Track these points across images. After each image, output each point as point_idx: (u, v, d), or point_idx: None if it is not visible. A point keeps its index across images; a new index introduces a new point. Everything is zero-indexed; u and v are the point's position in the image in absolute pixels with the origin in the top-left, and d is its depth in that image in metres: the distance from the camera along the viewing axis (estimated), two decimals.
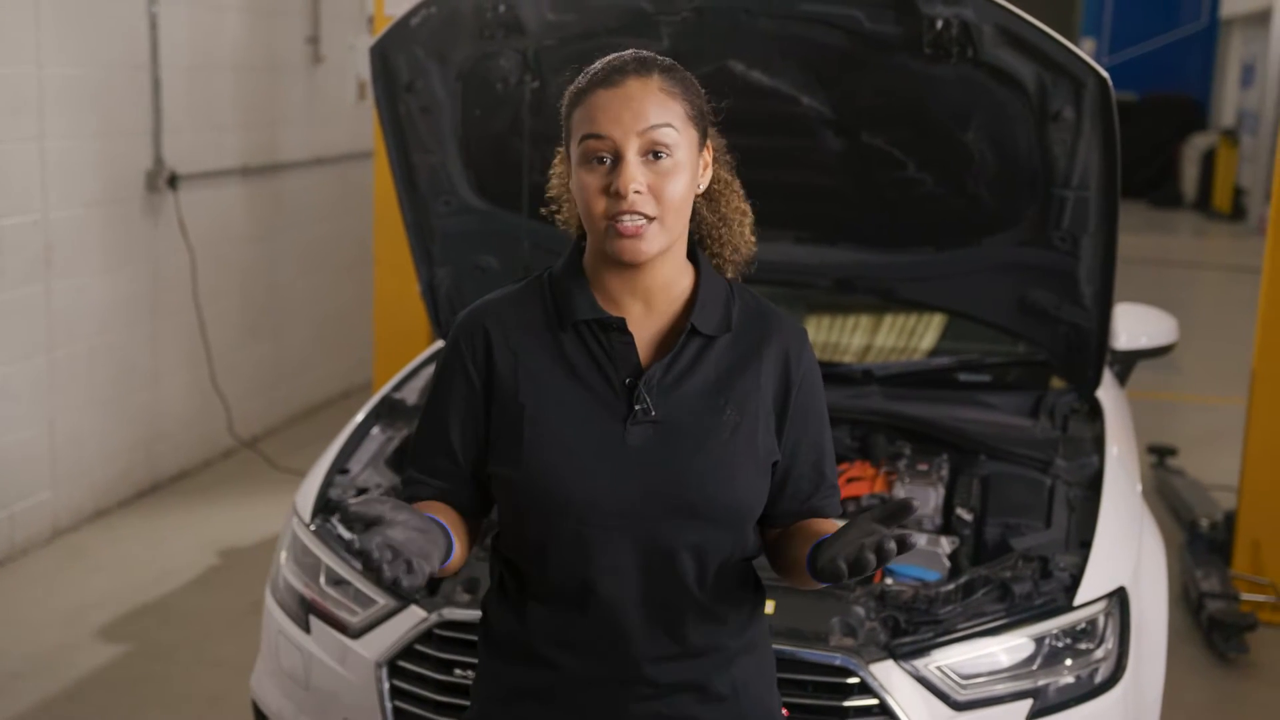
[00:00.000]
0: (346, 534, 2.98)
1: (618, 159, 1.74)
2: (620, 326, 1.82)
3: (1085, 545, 2.85)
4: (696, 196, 1.84)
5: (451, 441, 1.86)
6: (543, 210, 1.97)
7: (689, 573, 1.81)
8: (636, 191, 1.73)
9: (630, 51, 1.82)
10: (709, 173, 1.85)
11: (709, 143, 1.84)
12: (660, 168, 1.74)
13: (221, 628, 4.42)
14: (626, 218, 1.73)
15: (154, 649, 4.28)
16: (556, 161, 1.95)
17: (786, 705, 2.47)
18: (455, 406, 1.86)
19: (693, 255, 1.89)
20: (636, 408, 1.80)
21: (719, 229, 1.92)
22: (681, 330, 1.83)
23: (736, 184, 1.95)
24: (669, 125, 1.74)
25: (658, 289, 1.84)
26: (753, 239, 1.95)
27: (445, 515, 1.83)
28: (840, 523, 1.87)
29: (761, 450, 1.84)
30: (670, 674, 1.83)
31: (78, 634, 4.36)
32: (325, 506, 3.08)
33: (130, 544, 5.17)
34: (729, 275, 1.94)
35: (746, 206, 1.95)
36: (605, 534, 1.78)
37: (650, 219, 1.74)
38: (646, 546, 1.79)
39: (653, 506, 1.78)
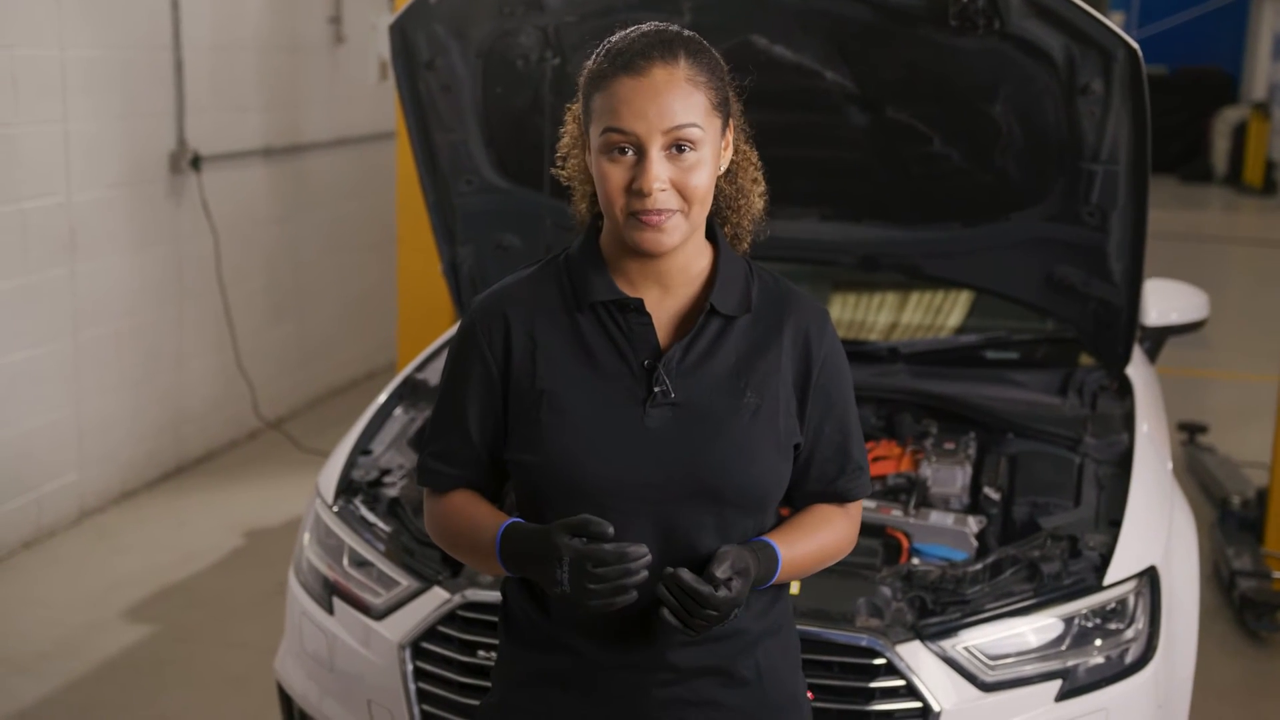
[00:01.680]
0: (369, 515, 2.97)
1: (641, 153, 1.71)
2: (638, 308, 1.80)
3: (1115, 524, 2.82)
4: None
5: (469, 427, 1.85)
6: (552, 170, 1.93)
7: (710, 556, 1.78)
8: (661, 189, 1.70)
9: (651, 27, 1.77)
10: (729, 152, 1.83)
11: (731, 123, 1.81)
12: (684, 162, 1.71)
13: (247, 609, 4.43)
14: (650, 213, 1.71)
15: (179, 630, 4.29)
16: (568, 119, 1.90)
17: (812, 687, 2.45)
18: (472, 392, 1.84)
19: (710, 235, 1.87)
20: (656, 390, 1.78)
21: (736, 200, 1.90)
22: (700, 311, 1.81)
23: (753, 155, 1.92)
24: (694, 124, 1.71)
25: (676, 271, 1.82)
26: (762, 207, 1.92)
27: (483, 505, 1.84)
28: (832, 510, 1.90)
29: (782, 433, 1.82)
30: (692, 658, 1.81)
31: (104, 615, 4.37)
32: (348, 488, 3.07)
33: (156, 525, 5.18)
34: (744, 245, 1.92)
35: (760, 175, 1.92)
36: (625, 518, 1.75)
37: (673, 212, 1.72)
38: (666, 530, 1.77)
39: (672, 489, 1.76)
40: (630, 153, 1.71)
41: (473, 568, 1.90)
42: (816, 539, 1.87)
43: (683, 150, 1.71)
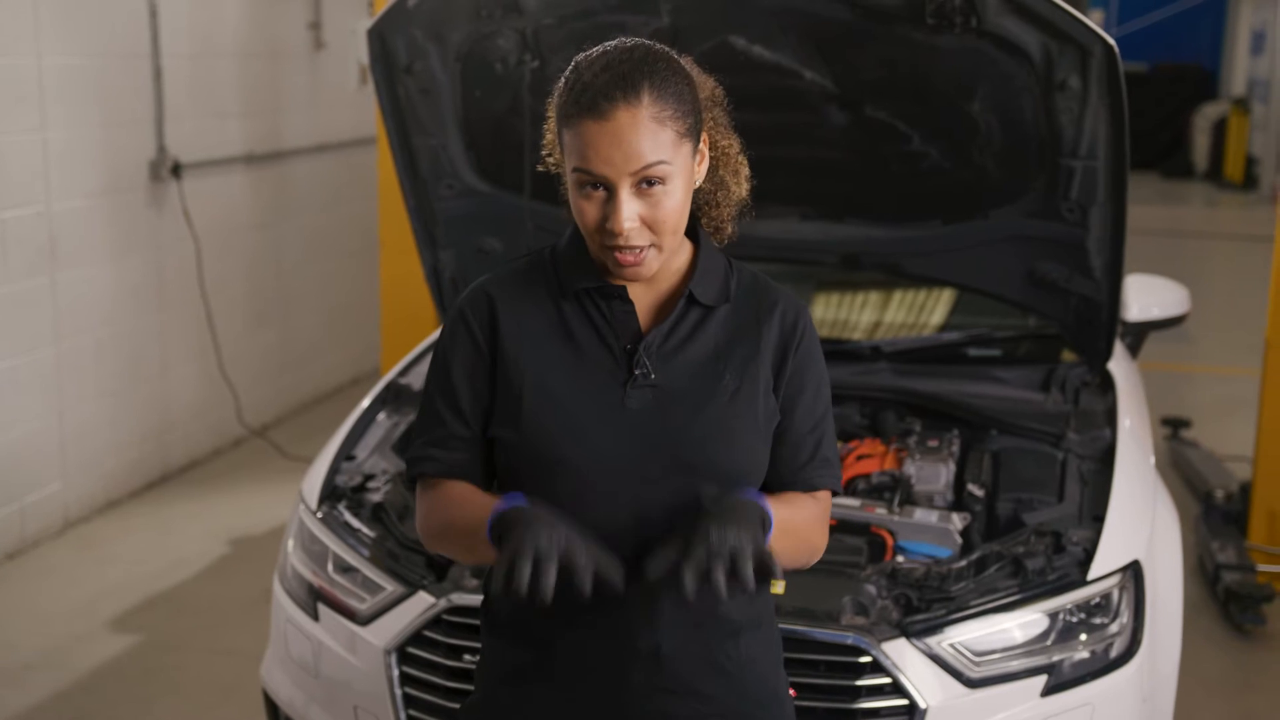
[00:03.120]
0: (354, 521, 2.97)
1: (611, 192, 1.73)
2: (621, 295, 1.84)
3: (1098, 519, 2.82)
4: None
5: (461, 411, 1.86)
6: (540, 167, 1.93)
7: None
8: (631, 226, 1.73)
9: (615, 54, 1.74)
10: (705, 163, 1.84)
11: (704, 134, 1.82)
12: (654, 197, 1.73)
13: (233, 617, 4.42)
14: (623, 249, 1.74)
15: (166, 639, 4.28)
16: (550, 115, 1.87)
17: (798, 685, 2.46)
18: (461, 375, 1.86)
19: (692, 231, 1.89)
20: (636, 372, 1.81)
21: (715, 194, 1.91)
22: (680, 299, 1.84)
23: (734, 143, 1.91)
24: (662, 161, 1.72)
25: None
26: (747, 187, 1.93)
27: (476, 495, 1.82)
28: (803, 495, 1.89)
29: (762, 415, 1.84)
30: (675, 646, 1.82)
31: (90, 625, 4.36)
32: (332, 494, 3.07)
33: (141, 534, 5.16)
34: (725, 233, 1.93)
35: (743, 160, 1.92)
36: (603, 496, 1.77)
37: (645, 247, 1.75)
38: (644, 509, 1.78)
39: (651, 468, 1.78)
40: (601, 189, 1.73)
41: (458, 557, 1.89)
42: (794, 509, 1.86)
43: (652, 185, 1.73)
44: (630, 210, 1.72)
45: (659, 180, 1.72)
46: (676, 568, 1.65)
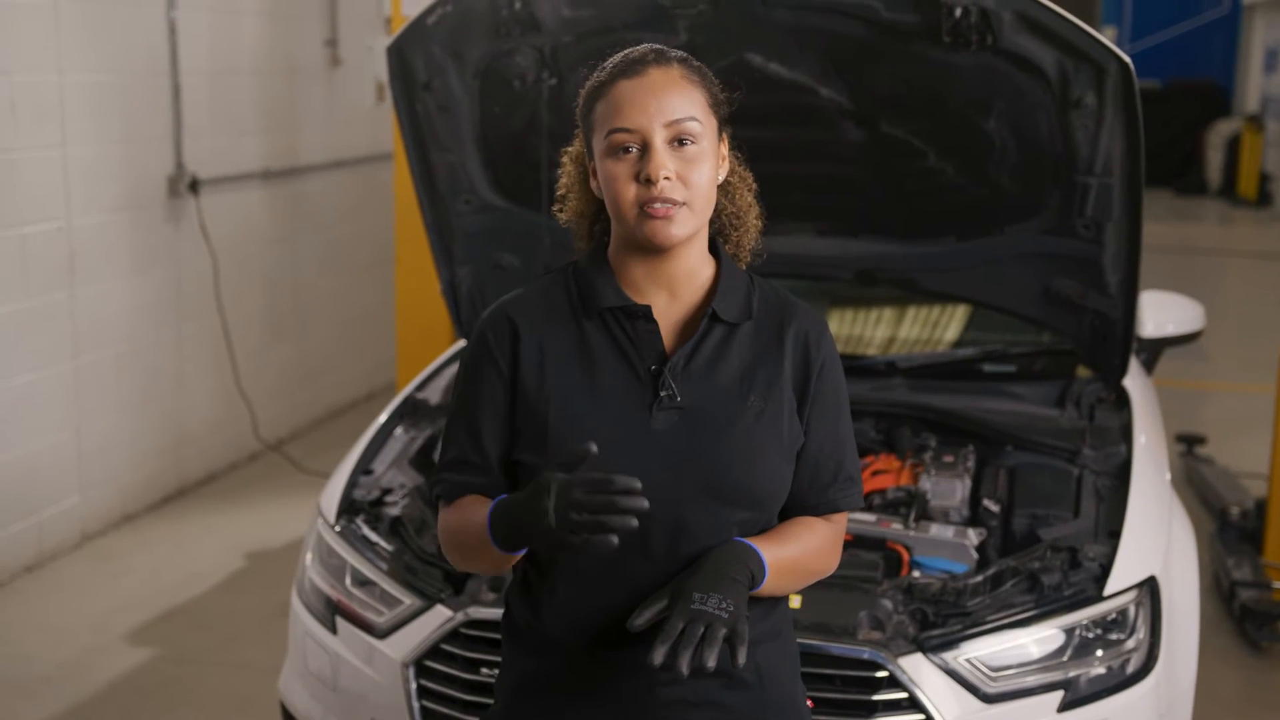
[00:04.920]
0: (371, 534, 2.98)
1: (645, 148, 1.77)
2: (645, 314, 1.84)
3: (1114, 535, 2.83)
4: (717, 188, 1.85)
5: (482, 435, 1.86)
6: (554, 209, 1.98)
7: None
8: (666, 178, 1.76)
9: (644, 45, 1.84)
10: (726, 165, 1.88)
11: (724, 136, 1.86)
12: (686, 154, 1.78)
13: (249, 630, 4.43)
14: (658, 203, 1.76)
15: (182, 652, 4.29)
16: (565, 161, 1.96)
17: (815, 700, 2.47)
18: (484, 400, 1.87)
19: (713, 249, 1.91)
20: (662, 394, 1.81)
21: (736, 218, 1.95)
22: (704, 318, 1.85)
23: (748, 177, 1.97)
24: (693, 118, 1.78)
25: (682, 277, 1.86)
26: (759, 227, 1.97)
27: (481, 503, 1.83)
28: (814, 520, 1.90)
29: (786, 436, 1.85)
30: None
31: (106, 638, 4.37)
32: (350, 507, 3.08)
33: (158, 548, 5.18)
34: (744, 266, 1.96)
35: (754, 199, 1.97)
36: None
37: (680, 203, 1.77)
38: (670, 531, 1.79)
39: (677, 490, 1.79)
40: (635, 150, 1.77)
41: (480, 569, 1.88)
42: (798, 544, 1.87)
43: (684, 144, 1.78)
44: (666, 159, 1.76)
45: (690, 139, 1.77)
46: (662, 622, 1.70)
